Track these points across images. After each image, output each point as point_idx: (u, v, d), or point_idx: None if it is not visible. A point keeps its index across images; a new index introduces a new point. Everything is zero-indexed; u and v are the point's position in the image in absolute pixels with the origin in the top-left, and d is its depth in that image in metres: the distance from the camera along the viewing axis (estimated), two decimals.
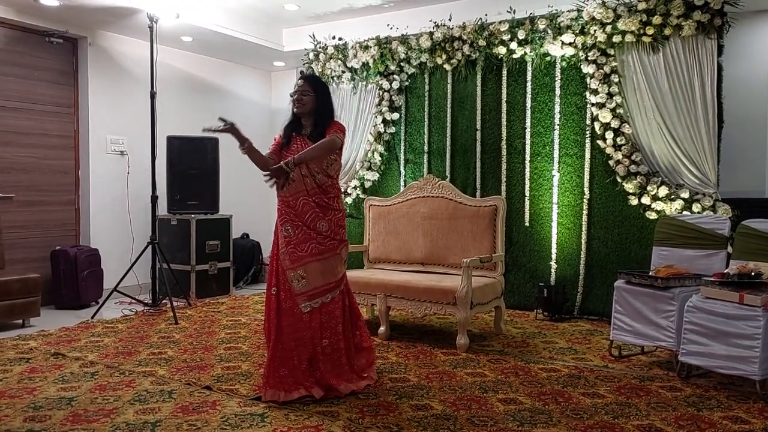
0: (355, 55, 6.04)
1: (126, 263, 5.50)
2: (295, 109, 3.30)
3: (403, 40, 5.79)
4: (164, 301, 5.39)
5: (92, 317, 4.98)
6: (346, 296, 3.33)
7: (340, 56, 6.16)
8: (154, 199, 5.38)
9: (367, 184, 6.12)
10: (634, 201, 4.82)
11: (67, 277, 5.39)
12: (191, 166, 5.97)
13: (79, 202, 5.87)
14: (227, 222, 6.19)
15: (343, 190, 6.19)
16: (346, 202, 6.21)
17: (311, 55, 6.38)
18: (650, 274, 3.68)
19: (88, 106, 5.79)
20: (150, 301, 5.41)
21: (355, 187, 6.16)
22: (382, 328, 4.33)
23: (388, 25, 5.84)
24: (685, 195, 4.59)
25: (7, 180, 5.33)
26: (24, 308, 4.69)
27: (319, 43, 6.29)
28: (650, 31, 4.65)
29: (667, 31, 4.61)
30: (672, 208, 4.62)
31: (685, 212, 4.53)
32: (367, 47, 5.96)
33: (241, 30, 6.17)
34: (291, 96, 3.31)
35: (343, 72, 6.19)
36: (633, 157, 4.80)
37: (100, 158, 5.88)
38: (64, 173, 5.76)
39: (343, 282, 3.30)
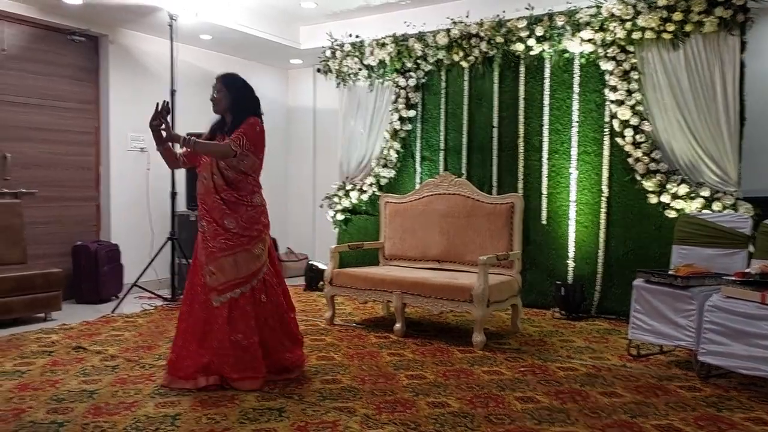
0: (371, 53, 6.05)
1: (145, 258, 5.56)
2: (213, 109, 3.38)
3: (420, 37, 5.78)
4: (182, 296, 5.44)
5: (112, 311, 5.05)
6: (260, 292, 3.28)
7: (356, 54, 6.17)
8: (173, 195, 5.44)
9: (383, 182, 6.12)
10: (653, 199, 4.77)
11: (88, 271, 5.47)
12: None
13: (100, 198, 5.96)
14: None
15: (358, 187, 6.21)
16: (362, 199, 6.22)
17: (328, 53, 6.40)
18: (670, 273, 3.64)
19: (109, 103, 5.88)
20: (169, 296, 5.48)
21: (371, 185, 6.17)
22: (397, 325, 4.34)
23: (405, 22, 5.83)
24: (706, 193, 4.54)
25: (30, 176, 5.42)
26: (46, 302, 4.77)
27: (336, 40, 6.30)
28: (671, 27, 4.60)
29: (688, 28, 4.56)
30: (692, 206, 4.57)
31: (705, 211, 4.48)
32: (383, 45, 5.96)
33: (259, 28, 6.21)
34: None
35: (360, 69, 6.20)
36: (653, 155, 4.76)
37: (121, 155, 5.96)
38: (86, 169, 5.84)
39: (255, 277, 3.27)
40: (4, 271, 4.64)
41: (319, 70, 6.59)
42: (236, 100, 3.32)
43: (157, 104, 3.24)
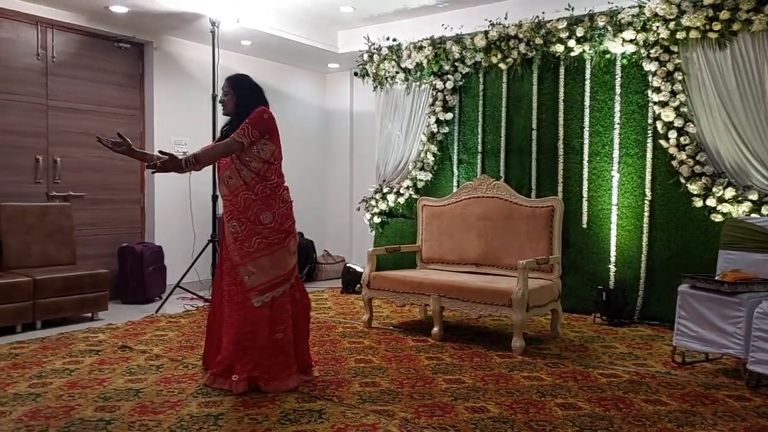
0: (409, 56, 6.06)
1: (188, 260, 5.68)
2: (223, 112, 3.38)
3: (458, 39, 5.77)
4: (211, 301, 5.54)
5: (156, 312, 5.18)
6: (296, 289, 3.31)
7: (393, 57, 6.19)
8: (215, 198, 5.55)
9: (420, 185, 6.12)
10: (698, 203, 4.66)
11: (134, 272, 5.62)
12: None
13: (144, 201, 6.12)
14: None
15: (395, 190, 6.23)
16: (399, 202, 6.24)
17: (365, 57, 6.43)
18: (716, 278, 3.55)
19: (154, 109, 6.03)
20: (210, 297, 5.57)
21: (407, 188, 6.17)
22: (435, 329, 4.33)
23: (442, 25, 5.83)
24: (754, 197, 4.41)
25: (79, 179, 5.60)
26: (93, 302, 4.92)
27: (373, 44, 6.33)
28: (717, 26, 4.48)
29: (735, 27, 4.44)
30: (739, 210, 4.44)
31: (753, 215, 4.35)
32: (421, 47, 5.97)
33: (297, 33, 6.29)
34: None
35: (397, 73, 6.22)
36: (698, 158, 4.64)
37: None
38: (131, 173, 6.00)
39: (293, 275, 3.29)
40: (56, 271, 4.81)
41: (356, 74, 6.63)
42: (240, 97, 3.30)
43: (100, 139, 3.24)
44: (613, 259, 5.09)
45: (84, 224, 5.60)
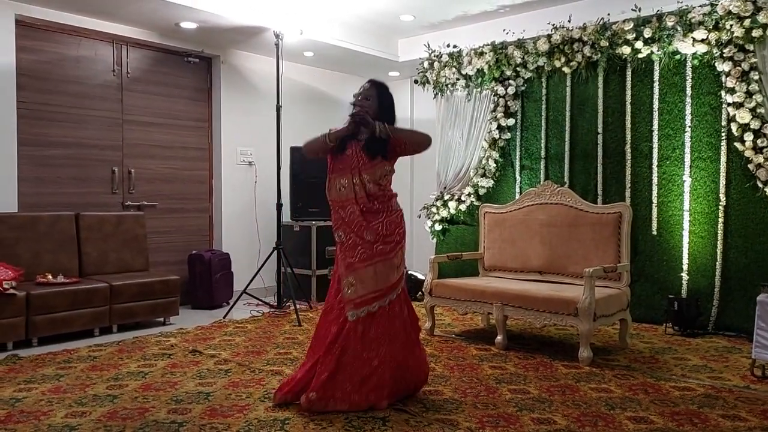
0: (469, 62, 6.03)
1: (253, 267, 5.83)
2: (355, 111, 3.16)
3: (520, 44, 5.70)
4: (288, 304, 5.67)
5: (224, 317, 5.33)
6: (396, 305, 3.13)
7: (454, 64, 6.17)
8: (279, 206, 5.68)
9: (482, 191, 6.07)
10: None
11: (202, 279, 5.82)
12: (312, 174, 6.21)
13: (212, 210, 6.33)
14: None
15: (456, 197, 6.20)
16: (460, 209, 6.20)
17: (425, 64, 6.44)
18: None
19: (221, 120, 6.24)
20: (275, 303, 5.71)
21: (469, 194, 6.13)
22: (499, 338, 4.28)
23: (503, 30, 5.77)
24: None
25: (152, 189, 5.85)
26: (165, 307, 5.11)
27: (434, 51, 6.34)
28: None
29: None
30: None
31: None
32: (482, 53, 5.93)
33: (358, 43, 6.37)
34: (354, 97, 3.19)
35: (458, 79, 6.20)
36: None
37: (231, 169, 6.31)
38: (200, 183, 6.23)
39: (394, 291, 3.12)
40: (130, 277, 5.03)
41: (416, 81, 6.65)
42: (384, 108, 3.17)
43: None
44: (685, 267, 4.89)
45: (156, 232, 5.84)
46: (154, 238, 5.77)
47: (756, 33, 4.43)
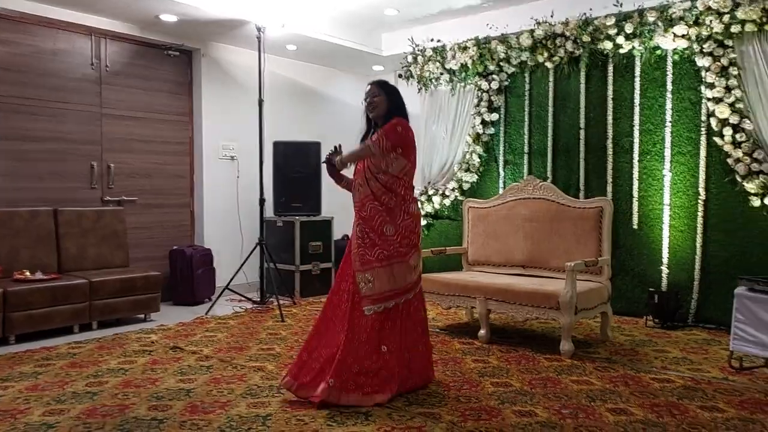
0: (453, 57, 6.03)
1: (236, 262, 5.79)
2: (370, 114, 3.28)
3: (503, 39, 5.70)
4: (271, 299, 5.64)
5: (206, 313, 5.29)
6: (410, 305, 3.20)
7: (438, 58, 6.17)
8: (262, 201, 5.64)
9: (465, 186, 6.08)
10: (756, 202, 4.48)
11: (184, 275, 5.76)
12: (295, 169, 6.20)
13: (194, 205, 6.27)
14: (329, 224, 6.38)
15: (440, 192, 6.20)
16: (444, 204, 6.21)
17: (409, 58, 6.43)
18: None
19: (202, 115, 6.18)
20: (258, 299, 5.68)
21: (453, 189, 6.14)
22: (482, 332, 4.29)
23: (487, 24, 5.78)
24: None
25: (132, 184, 5.78)
26: (146, 303, 5.06)
27: (418, 46, 6.32)
28: None
29: None
30: None
31: None
32: (465, 48, 5.93)
33: (342, 36, 6.34)
34: (363, 102, 3.29)
35: (441, 74, 6.19)
36: (755, 155, 4.46)
37: (213, 163, 6.25)
38: (181, 178, 6.16)
39: (411, 290, 3.20)
40: (110, 273, 4.97)
41: (400, 76, 6.63)
42: (394, 105, 3.24)
43: (335, 147, 3.36)
44: (665, 260, 4.94)
45: (136, 228, 5.77)
46: (134, 234, 5.70)
47: (735, 29, 4.47)
